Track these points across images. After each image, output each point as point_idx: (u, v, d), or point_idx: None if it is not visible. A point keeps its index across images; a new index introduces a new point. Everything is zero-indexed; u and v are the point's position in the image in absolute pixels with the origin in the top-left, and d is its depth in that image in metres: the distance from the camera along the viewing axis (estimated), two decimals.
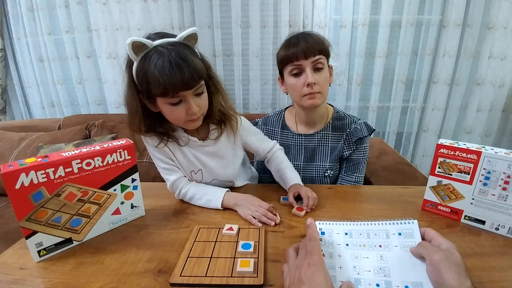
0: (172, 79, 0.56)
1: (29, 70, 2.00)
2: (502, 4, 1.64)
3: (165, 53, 0.57)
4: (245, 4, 1.74)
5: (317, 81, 0.80)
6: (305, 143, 0.94)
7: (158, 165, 0.77)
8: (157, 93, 0.60)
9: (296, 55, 0.79)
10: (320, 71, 0.82)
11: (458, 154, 0.61)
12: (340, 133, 0.92)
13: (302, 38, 0.80)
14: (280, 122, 0.99)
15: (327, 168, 0.92)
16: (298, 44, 0.79)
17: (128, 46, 0.57)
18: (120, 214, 0.65)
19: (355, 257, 0.47)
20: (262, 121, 1.02)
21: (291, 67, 0.82)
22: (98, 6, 1.79)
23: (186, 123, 0.67)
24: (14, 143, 1.55)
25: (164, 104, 0.63)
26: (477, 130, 1.92)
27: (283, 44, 0.85)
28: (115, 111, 2.00)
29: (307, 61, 0.80)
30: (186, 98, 0.62)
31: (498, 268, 0.50)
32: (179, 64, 0.57)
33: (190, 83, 0.59)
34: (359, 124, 0.91)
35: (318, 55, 0.80)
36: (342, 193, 0.80)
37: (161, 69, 0.56)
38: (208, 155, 0.78)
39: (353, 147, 0.90)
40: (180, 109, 0.63)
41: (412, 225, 0.48)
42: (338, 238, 0.51)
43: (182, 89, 0.59)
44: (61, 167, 0.53)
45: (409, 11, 1.72)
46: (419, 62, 1.83)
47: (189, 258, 0.53)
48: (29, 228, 0.52)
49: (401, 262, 0.44)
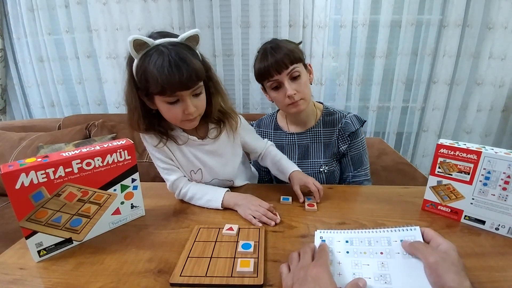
0: (171, 78, 0.57)
1: (29, 70, 2.00)
2: (502, 4, 1.64)
3: (165, 52, 0.57)
4: (245, 4, 1.74)
5: (297, 89, 0.82)
6: (298, 141, 0.96)
7: (157, 165, 0.77)
8: (155, 92, 0.60)
9: (269, 71, 0.80)
10: (298, 79, 0.82)
11: (458, 154, 0.61)
12: (331, 129, 0.93)
13: (270, 54, 0.79)
14: (273, 123, 1.01)
15: (321, 164, 0.93)
16: (267, 60, 0.79)
17: (130, 43, 0.57)
18: (120, 214, 0.65)
19: (355, 264, 0.47)
20: (256, 124, 1.04)
21: (269, 83, 0.83)
22: (98, 6, 1.79)
23: (182, 122, 0.67)
24: (14, 143, 1.55)
25: (161, 103, 0.63)
26: (477, 130, 1.92)
27: (256, 60, 0.84)
28: (115, 111, 2.00)
29: (281, 75, 0.80)
30: (183, 98, 0.62)
31: (498, 268, 0.50)
32: (178, 64, 0.57)
33: (188, 83, 0.60)
34: (349, 118, 0.92)
35: (290, 66, 0.80)
36: (342, 193, 0.80)
37: (160, 68, 0.56)
38: (207, 154, 0.78)
39: (348, 141, 0.91)
40: (177, 109, 0.63)
41: (414, 231, 0.48)
42: (339, 246, 0.51)
43: (179, 89, 0.60)
44: (61, 167, 0.53)
45: (409, 11, 1.72)
46: (419, 62, 1.83)
47: (189, 258, 0.53)
48: (29, 228, 0.52)
49: (403, 269, 0.44)
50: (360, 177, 0.94)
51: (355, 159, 0.93)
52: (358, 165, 0.94)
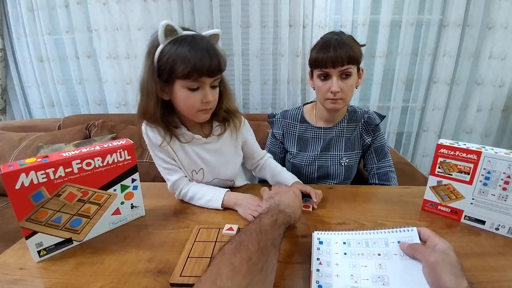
0: (202, 62, 0.60)
1: (29, 70, 2.00)
2: (502, 4, 1.64)
3: (198, 39, 0.62)
4: (245, 4, 1.74)
5: (342, 88, 0.83)
6: (323, 135, 0.98)
7: (159, 165, 0.77)
8: (181, 74, 0.61)
9: (324, 63, 0.81)
10: (347, 78, 0.84)
11: (458, 154, 0.61)
12: (354, 124, 0.98)
13: (333, 47, 0.80)
14: (299, 116, 1.02)
15: (342, 156, 0.97)
16: (328, 52, 0.80)
17: (162, 27, 0.60)
18: (120, 214, 0.65)
19: (353, 266, 0.47)
20: (281, 114, 1.04)
21: (319, 72, 0.84)
22: (98, 6, 1.79)
23: (197, 113, 0.68)
24: (14, 143, 1.55)
25: (181, 89, 0.64)
26: (477, 130, 1.92)
27: (316, 46, 0.85)
28: (115, 111, 1.99)
29: (334, 69, 0.81)
30: (204, 86, 0.65)
31: (498, 268, 0.50)
32: (210, 51, 0.61)
33: (214, 71, 0.63)
34: (371, 113, 0.98)
35: (346, 65, 0.81)
36: (342, 193, 0.80)
37: (193, 51, 0.60)
38: (210, 153, 0.78)
39: (372, 134, 0.97)
40: (196, 97, 0.65)
41: (411, 232, 0.48)
42: (336, 247, 0.51)
43: (206, 74, 0.62)
44: (61, 167, 0.53)
45: (409, 11, 1.72)
46: (419, 62, 1.83)
47: (189, 258, 0.53)
48: (29, 228, 0.52)
49: (401, 270, 0.44)
50: (385, 168, 0.97)
51: (378, 151, 0.97)
52: (381, 156, 0.97)
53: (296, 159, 1.00)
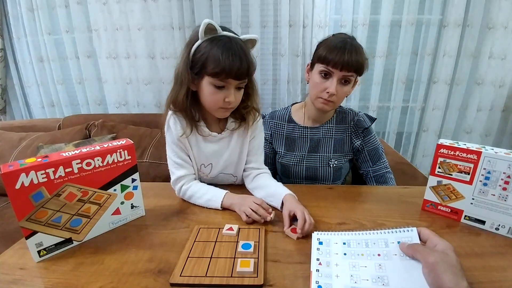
0: (231, 64, 0.63)
1: (29, 70, 2.00)
2: (502, 4, 1.64)
3: (233, 41, 0.65)
4: (245, 4, 1.74)
5: (337, 92, 0.83)
6: (310, 135, 0.98)
7: (169, 157, 0.79)
8: (210, 72, 0.65)
9: (334, 63, 0.80)
10: (345, 84, 0.84)
11: (458, 154, 0.61)
12: (344, 125, 0.97)
13: (349, 51, 0.79)
14: (287, 116, 1.03)
15: (331, 158, 0.96)
16: (341, 54, 0.79)
17: (203, 24, 0.64)
18: (120, 214, 0.65)
19: (353, 266, 0.47)
20: (269, 115, 1.05)
21: (322, 67, 0.84)
22: (98, 6, 1.79)
23: (218, 109, 0.72)
24: (14, 143, 1.55)
25: (208, 85, 0.68)
26: (477, 130, 1.92)
27: (329, 43, 0.83)
28: (115, 111, 1.99)
29: (339, 72, 0.81)
30: (229, 87, 0.68)
31: (498, 268, 0.50)
32: (241, 56, 0.65)
33: (242, 75, 0.67)
34: (361, 116, 0.97)
35: (352, 72, 0.81)
36: (342, 193, 0.81)
37: (225, 53, 0.63)
38: (222, 148, 0.80)
39: (361, 137, 0.96)
40: (220, 95, 0.68)
41: (411, 233, 0.48)
42: (336, 247, 0.51)
43: (233, 77, 0.66)
44: (61, 167, 0.53)
45: (409, 11, 1.71)
46: (419, 62, 1.83)
47: (189, 258, 0.53)
48: (29, 228, 0.52)
49: (401, 270, 0.44)
50: (381, 170, 0.96)
51: (372, 153, 0.97)
52: (376, 159, 0.97)
53: (284, 159, 1.00)
